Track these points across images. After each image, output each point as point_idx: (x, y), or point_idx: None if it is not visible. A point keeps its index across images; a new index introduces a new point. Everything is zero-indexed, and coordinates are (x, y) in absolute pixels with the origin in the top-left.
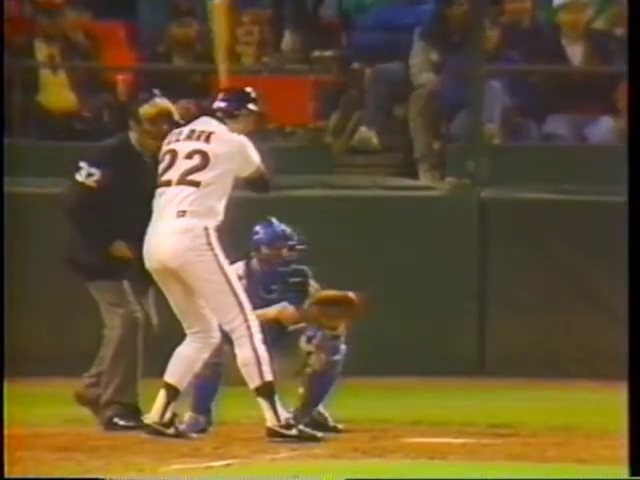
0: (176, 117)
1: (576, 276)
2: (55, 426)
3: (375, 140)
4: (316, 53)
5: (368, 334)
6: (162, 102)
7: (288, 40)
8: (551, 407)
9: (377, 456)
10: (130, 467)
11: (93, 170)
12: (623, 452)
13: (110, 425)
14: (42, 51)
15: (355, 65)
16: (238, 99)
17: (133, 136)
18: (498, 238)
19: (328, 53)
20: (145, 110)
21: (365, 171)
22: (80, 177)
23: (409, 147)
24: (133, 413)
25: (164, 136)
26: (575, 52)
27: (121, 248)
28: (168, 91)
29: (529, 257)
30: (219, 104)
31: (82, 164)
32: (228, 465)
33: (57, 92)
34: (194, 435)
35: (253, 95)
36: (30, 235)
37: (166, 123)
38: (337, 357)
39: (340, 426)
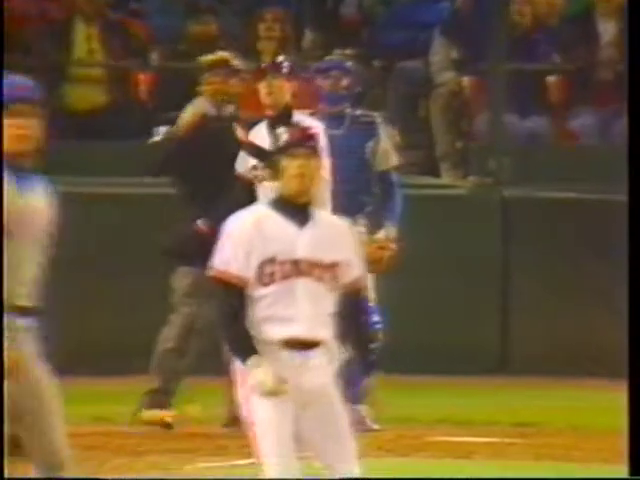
0: (235, 63)
1: (598, 275)
2: (81, 425)
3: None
4: (336, 51)
5: (392, 333)
6: (221, 52)
7: (308, 38)
8: (575, 406)
9: (402, 455)
10: (155, 466)
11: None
12: None
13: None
14: (81, 31)
15: (376, 63)
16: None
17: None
18: (520, 237)
19: (348, 51)
20: (205, 59)
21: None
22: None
23: (431, 145)
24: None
25: (225, 81)
26: (607, 29)
27: (203, 227)
28: (190, 91)
29: (551, 256)
30: None
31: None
32: (253, 464)
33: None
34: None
35: None
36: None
37: (225, 69)
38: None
39: (376, 426)
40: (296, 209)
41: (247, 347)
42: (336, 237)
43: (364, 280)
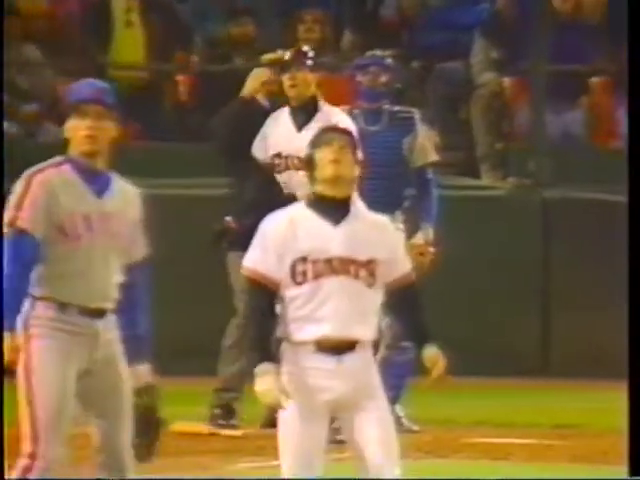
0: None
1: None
2: None
3: (436, 139)
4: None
5: (431, 334)
6: (281, 52)
7: (348, 39)
8: (614, 408)
9: (440, 456)
10: (196, 466)
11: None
12: None
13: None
14: (120, 3)
15: (415, 64)
16: None
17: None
18: (560, 238)
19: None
20: (265, 57)
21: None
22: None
23: (471, 146)
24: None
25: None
26: None
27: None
28: (229, 92)
29: (591, 257)
30: None
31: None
32: None
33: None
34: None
35: None
36: None
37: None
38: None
39: (416, 427)
40: (332, 206)
41: (262, 351)
42: (375, 234)
43: (412, 276)
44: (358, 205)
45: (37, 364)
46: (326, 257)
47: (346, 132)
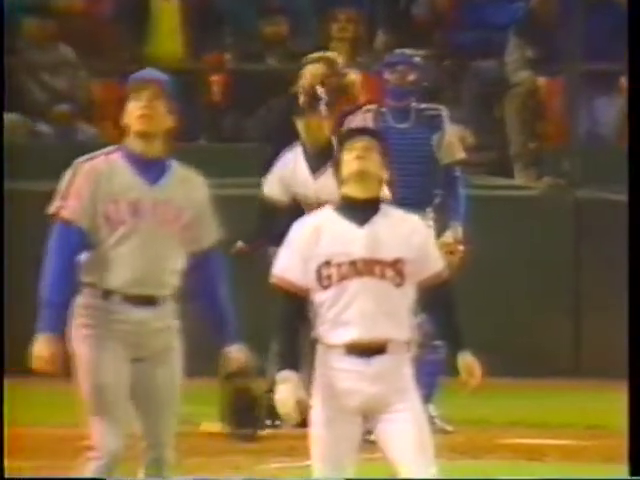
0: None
1: None
2: None
3: (471, 139)
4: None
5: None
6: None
7: (381, 39)
8: None
9: (474, 457)
10: (228, 466)
11: None
12: None
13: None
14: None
15: (448, 63)
16: None
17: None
18: (593, 238)
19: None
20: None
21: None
22: None
23: (503, 146)
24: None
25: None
26: None
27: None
28: (262, 92)
29: (624, 258)
30: None
31: None
32: None
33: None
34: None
35: None
36: None
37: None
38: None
39: (449, 428)
40: (358, 207)
41: (284, 359)
42: (402, 233)
43: (445, 274)
44: (387, 206)
45: (82, 354)
46: (350, 259)
47: (374, 134)
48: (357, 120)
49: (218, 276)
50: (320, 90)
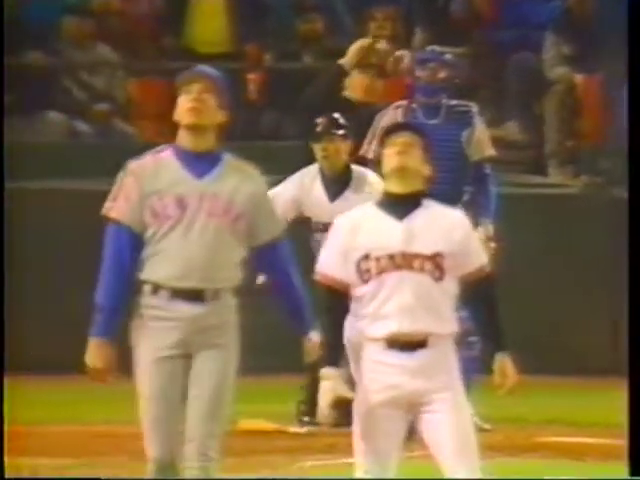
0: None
1: None
2: None
3: (519, 135)
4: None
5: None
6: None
7: (419, 37)
8: None
9: (512, 455)
10: (264, 465)
11: None
12: None
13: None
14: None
15: (486, 61)
16: None
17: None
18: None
19: (459, 50)
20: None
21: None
22: None
23: (539, 144)
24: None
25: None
26: None
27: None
28: (298, 89)
29: None
30: None
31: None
32: None
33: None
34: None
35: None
36: None
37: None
38: (472, 337)
39: (487, 426)
40: (398, 202)
41: (329, 353)
42: (443, 227)
43: (487, 269)
44: (430, 200)
45: (136, 354)
46: (388, 253)
47: (416, 129)
48: (388, 116)
49: (288, 266)
50: (338, 115)
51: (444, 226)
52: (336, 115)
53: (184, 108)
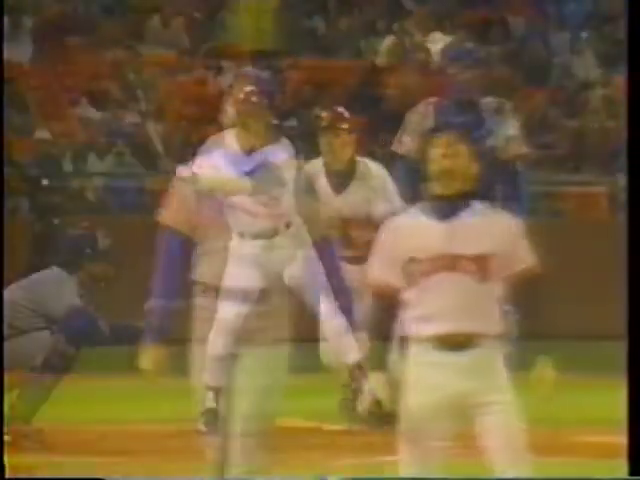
0: None
1: None
2: None
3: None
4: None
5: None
6: None
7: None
8: None
9: (548, 455)
10: (301, 462)
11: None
12: None
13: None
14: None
15: (526, 59)
16: None
17: None
18: None
19: (492, 47)
20: None
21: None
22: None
23: (579, 143)
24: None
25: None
26: None
27: None
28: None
29: None
30: None
31: None
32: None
33: None
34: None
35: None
36: None
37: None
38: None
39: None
40: (443, 203)
41: (374, 354)
42: (488, 228)
43: (535, 271)
44: (477, 201)
45: (193, 354)
46: (432, 255)
47: (460, 127)
48: (419, 113)
49: (334, 265)
50: (343, 109)
51: (490, 227)
52: (340, 109)
53: (236, 99)
